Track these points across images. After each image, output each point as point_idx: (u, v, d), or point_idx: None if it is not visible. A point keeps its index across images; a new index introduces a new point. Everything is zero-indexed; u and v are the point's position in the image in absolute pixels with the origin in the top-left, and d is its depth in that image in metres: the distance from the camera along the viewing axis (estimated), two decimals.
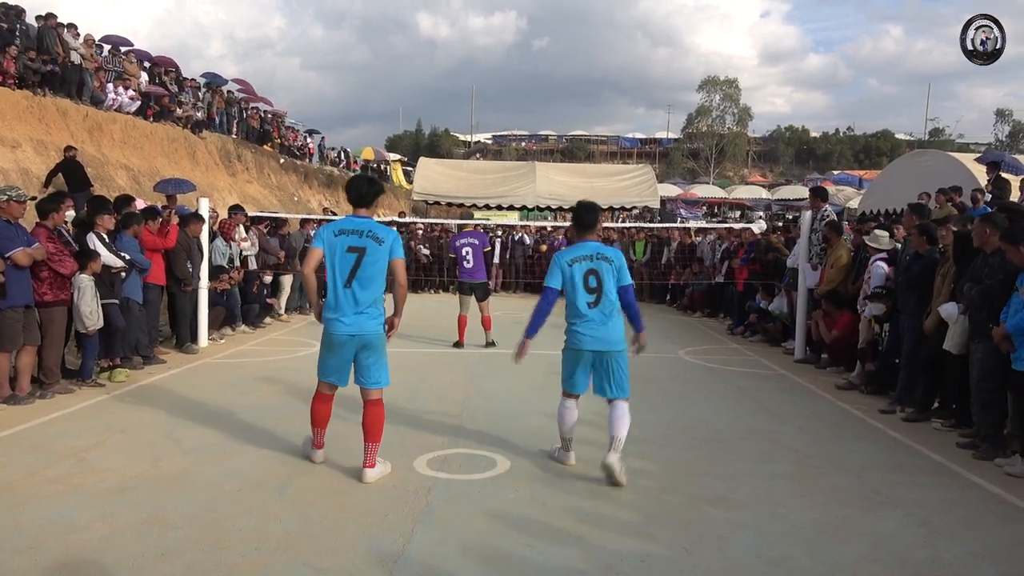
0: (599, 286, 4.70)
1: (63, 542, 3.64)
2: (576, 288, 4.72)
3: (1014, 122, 67.44)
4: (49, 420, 5.78)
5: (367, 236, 4.49)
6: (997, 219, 5.56)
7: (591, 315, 4.70)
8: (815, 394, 7.39)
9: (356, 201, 4.66)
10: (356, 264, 4.45)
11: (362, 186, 4.70)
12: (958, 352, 5.76)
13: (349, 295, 4.47)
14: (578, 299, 4.72)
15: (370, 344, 4.55)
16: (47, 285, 6.42)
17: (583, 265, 4.73)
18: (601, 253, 4.78)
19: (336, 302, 4.50)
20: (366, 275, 4.46)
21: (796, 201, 37.66)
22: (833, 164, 65.50)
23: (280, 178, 23.85)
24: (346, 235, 4.50)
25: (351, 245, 4.47)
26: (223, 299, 9.85)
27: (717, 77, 67.78)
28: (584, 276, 4.71)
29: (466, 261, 9.55)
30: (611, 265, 4.75)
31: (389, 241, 4.52)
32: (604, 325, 4.71)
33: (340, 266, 4.47)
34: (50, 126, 13.73)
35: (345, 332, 4.50)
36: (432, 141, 75.91)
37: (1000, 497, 4.57)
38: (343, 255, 4.47)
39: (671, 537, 3.86)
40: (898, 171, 18.04)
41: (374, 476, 4.60)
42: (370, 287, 4.49)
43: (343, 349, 4.56)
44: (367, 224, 4.55)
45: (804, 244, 9.26)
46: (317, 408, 4.79)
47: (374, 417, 4.61)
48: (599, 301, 4.70)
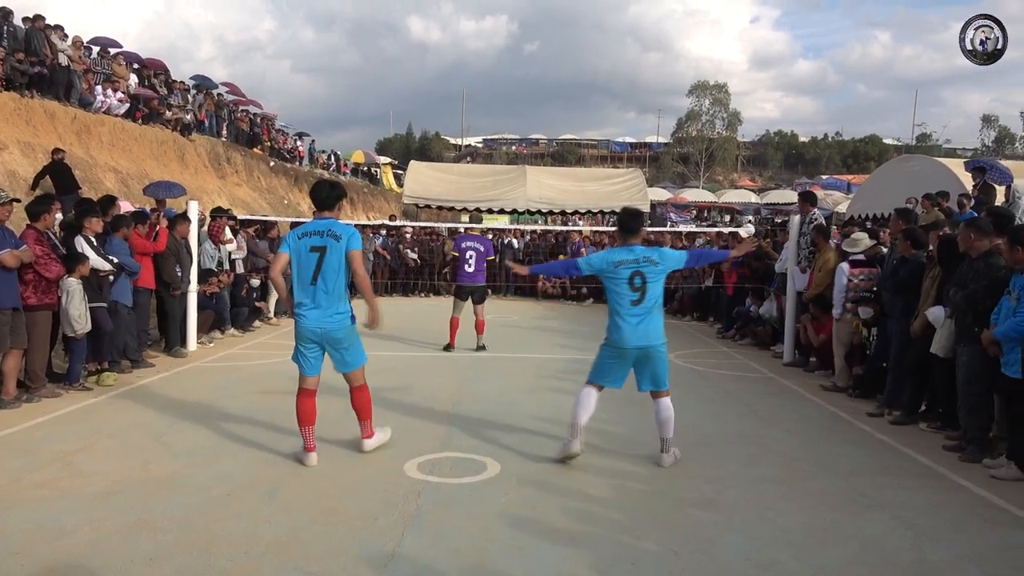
0: (643, 285, 4.91)
1: (50, 547, 3.61)
2: (621, 287, 4.91)
3: (1000, 128, 68.16)
4: (36, 424, 5.74)
5: (327, 235, 4.79)
6: (982, 224, 5.62)
7: (634, 312, 4.89)
8: (803, 397, 7.43)
9: (319, 204, 4.97)
10: (319, 263, 4.76)
11: (324, 190, 5.02)
12: (945, 355, 5.81)
13: (314, 292, 4.79)
14: (622, 298, 4.91)
15: (337, 339, 4.86)
16: (32, 288, 6.37)
17: (629, 268, 4.93)
18: (647, 257, 4.99)
19: (303, 299, 4.82)
20: (329, 272, 4.76)
21: (785, 205, 37.85)
22: (822, 169, 65.91)
23: (270, 181, 23.79)
24: (308, 236, 4.81)
25: (313, 245, 4.78)
26: (212, 302, 9.81)
27: (707, 82, 68.36)
28: (630, 277, 4.91)
29: (467, 264, 9.46)
30: (657, 267, 4.97)
31: (346, 236, 4.79)
32: (645, 321, 4.91)
33: (304, 266, 4.79)
34: (37, 128, 13.65)
35: (313, 327, 4.81)
36: (423, 144, 75.93)
37: (986, 500, 4.60)
38: (307, 255, 4.78)
39: (660, 540, 3.88)
40: (886, 176, 18.19)
41: (372, 444, 5.11)
42: (333, 283, 4.78)
43: (313, 343, 4.87)
44: (327, 224, 4.85)
45: (793, 248, 9.32)
46: (302, 404, 4.96)
47: (361, 399, 5.06)
48: (642, 300, 4.90)
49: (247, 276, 11.10)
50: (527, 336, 11.35)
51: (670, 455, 5.06)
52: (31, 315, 6.39)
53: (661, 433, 5.05)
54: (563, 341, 10.62)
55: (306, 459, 4.93)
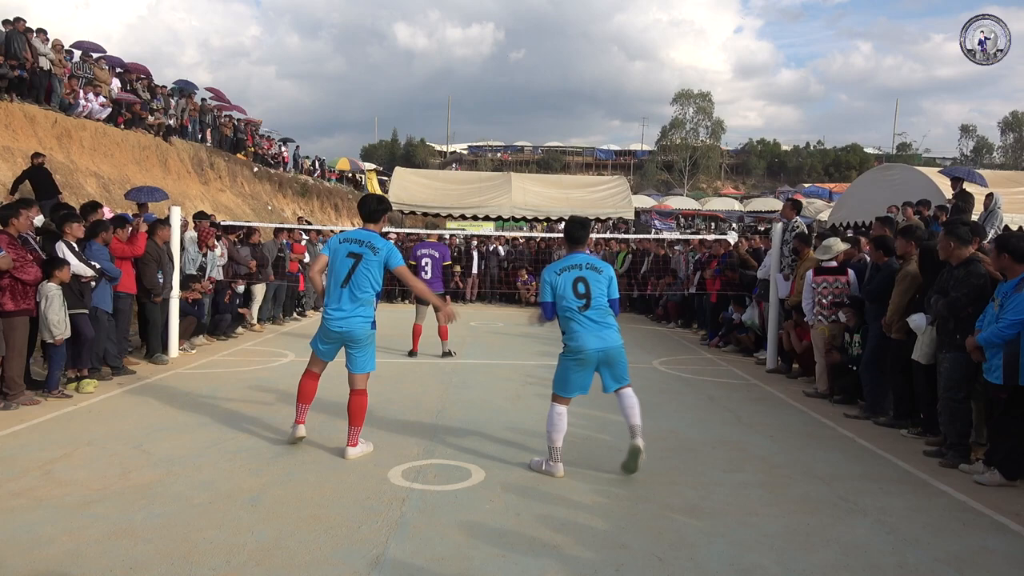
0: (587, 292, 4.90)
1: (27, 557, 3.56)
2: (567, 295, 4.91)
3: (978, 138, 69.20)
4: (13, 432, 5.65)
5: (366, 246, 5.16)
6: (961, 232, 5.67)
7: (585, 316, 4.88)
8: (786, 403, 7.48)
9: (366, 217, 5.35)
10: (353, 268, 5.10)
11: (372, 203, 5.39)
12: (926, 362, 5.88)
13: (344, 294, 5.12)
14: (571, 303, 4.90)
15: (357, 339, 5.17)
16: (8, 294, 6.28)
17: (571, 273, 4.94)
18: (591, 264, 5.01)
19: (332, 298, 5.17)
20: (360, 279, 5.10)
21: (768, 213, 38.21)
22: (804, 177, 66.49)
23: (254, 187, 23.65)
24: (349, 243, 5.20)
25: (351, 251, 5.15)
26: (194, 309, 9.73)
27: (691, 90, 68.78)
28: (573, 283, 4.91)
29: (424, 272, 9.55)
30: (600, 275, 4.96)
31: (384, 251, 5.16)
32: (600, 325, 4.90)
33: (339, 268, 5.14)
34: (17, 132, 13.49)
35: (336, 326, 5.14)
36: (408, 151, 75.74)
37: (966, 504, 4.66)
38: (343, 259, 5.14)
39: (644, 546, 3.89)
40: (867, 184, 18.37)
41: (355, 454, 5.21)
42: (362, 290, 5.12)
43: (333, 339, 5.23)
44: (369, 236, 5.22)
45: (776, 255, 9.40)
46: (305, 383, 5.39)
47: (358, 404, 5.23)
48: (588, 305, 4.89)
49: (229, 283, 11.02)
50: (512, 343, 11.35)
51: (640, 439, 4.99)
52: (8, 320, 6.30)
53: (630, 420, 5.01)
54: (548, 348, 10.61)
55: (295, 430, 5.40)
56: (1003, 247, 5.10)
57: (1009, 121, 65.35)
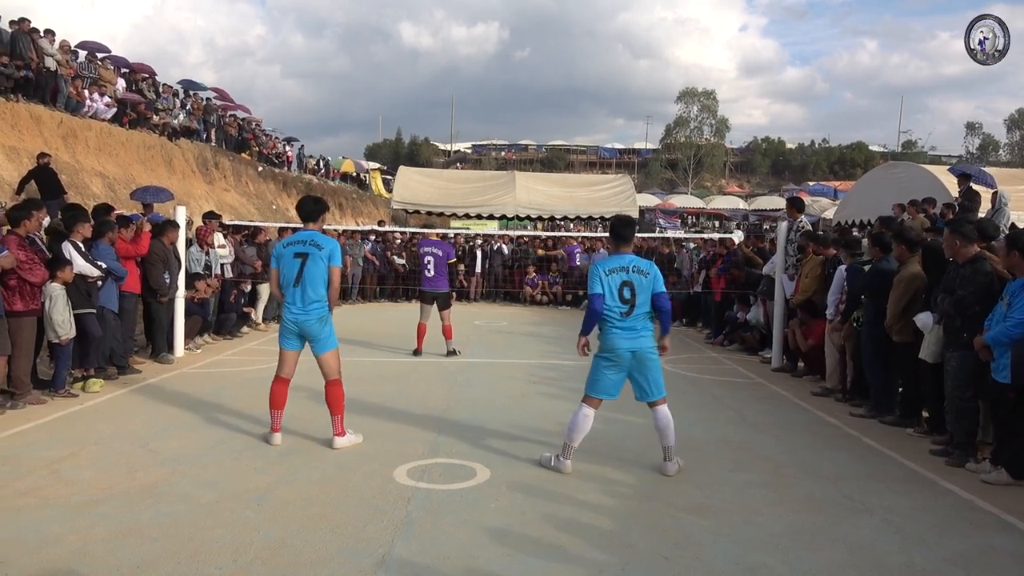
0: (632, 297, 4.88)
1: (34, 557, 3.57)
2: (612, 298, 4.89)
3: (984, 135, 68.85)
4: (20, 431, 5.68)
5: (310, 244, 5.43)
6: (967, 230, 5.65)
7: (625, 323, 4.88)
8: (791, 402, 7.47)
9: (304, 217, 5.64)
10: (301, 267, 5.37)
11: (308, 204, 5.67)
12: (934, 361, 5.85)
13: (297, 292, 5.40)
14: (611, 309, 4.88)
15: (312, 331, 5.44)
16: (17, 294, 6.31)
17: (618, 276, 4.91)
18: (637, 266, 4.97)
19: (288, 298, 5.47)
20: (309, 276, 5.37)
21: (773, 212, 38.12)
22: (809, 175, 66.27)
23: (258, 186, 23.71)
24: (293, 245, 5.47)
25: (297, 252, 5.42)
26: (199, 308, 9.75)
27: (695, 88, 68.60)
28: (619, 287, 4.89)
29: (427, 270, 9.49)
30: (646, 278, 4.93)
31: (328, 248, 5.43)
32: (636, 330, 4.90)
33: (288, 270, 5.43)
34: (23, 133, 13.54)
35: (293, 319, 5.44)
36: (412, 150, 75.74)
37: (973, 503, 4.64)
38: (290, 261, 5.42)
39: (649, 545, 3.88)
40: (872, 182, 18.34)
41: (343, 443, 5.44)
42: (313, 286, 5.38)
43: (292, 331, 5.50)
44: (311, 235, 5.50)
45: (780, 254, 9.37)
46: (276, 390, 5.57)
47: (334, 395, 5.47)
48: (631, 312, 4.88)
49: (234, 282, 11.04)
50: (516, 342, 11.35)
51: (673, 463, 5.04)
52: (15, 321, 6.32)
53: (663, 442, 5.02)
54: (553, 347, 10.63)
55: (272, 439, 5.52)
56: (1013, 245, 5.08)
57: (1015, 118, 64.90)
